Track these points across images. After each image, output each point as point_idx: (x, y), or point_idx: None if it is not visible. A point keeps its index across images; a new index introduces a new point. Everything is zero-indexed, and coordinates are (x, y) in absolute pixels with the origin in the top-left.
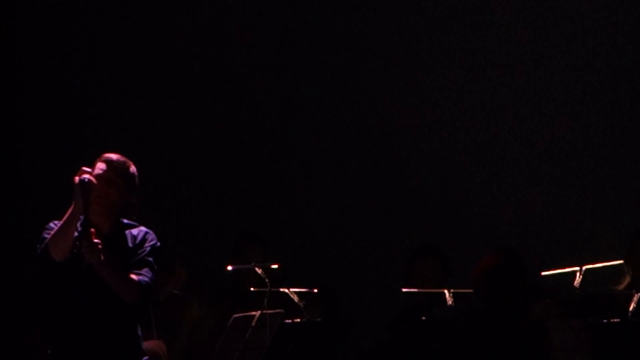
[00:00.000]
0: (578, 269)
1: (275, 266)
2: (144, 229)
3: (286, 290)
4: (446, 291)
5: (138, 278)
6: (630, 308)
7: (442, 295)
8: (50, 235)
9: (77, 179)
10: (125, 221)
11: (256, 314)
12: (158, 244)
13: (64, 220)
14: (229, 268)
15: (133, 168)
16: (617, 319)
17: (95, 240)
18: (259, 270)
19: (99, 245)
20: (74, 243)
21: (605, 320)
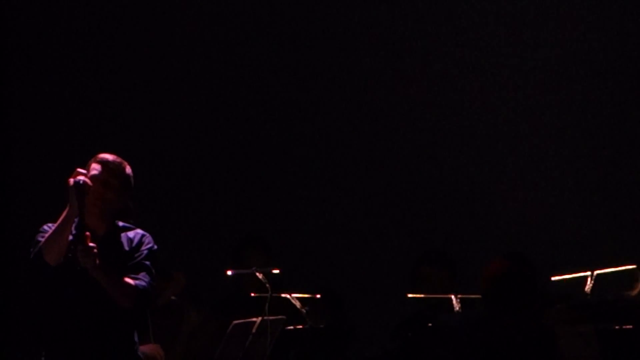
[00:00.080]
0: (589, 273)
1: (276, 271)
2: (140, 232)
3: (288, 296)
4: (453, 297)
5: (135, 283)
6: None
7: (449, 301)
8: (44, 238)
9: (72, 180)
10: (121, 224)
11: (257, 320)
12: (155, 247)
13: (58, 223)
14: (229, 273)
15: (129, 169)
16: (629, 326)
17: (91, 244)
18: (259, 275)
19: (95, 249)
20: (68, 247)
21: (616, 326)
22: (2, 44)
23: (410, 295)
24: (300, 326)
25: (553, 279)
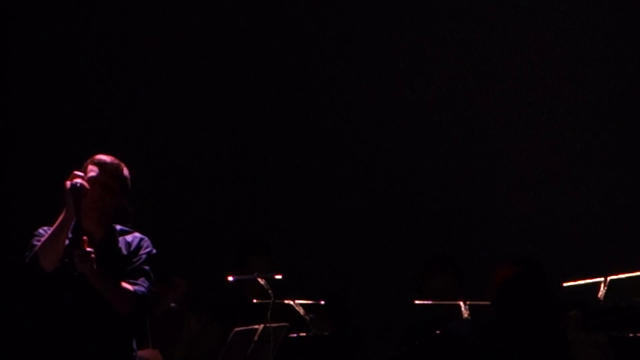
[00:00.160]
0: (602, 279)
1: (279, 276)
2: (138, 235)
3: (291, 302)
4: (462, 303)
5: (134, 288)
6: None
7: (458, 307)
8: (39, 242)
9: (69, 183)
10: (119, 227)
11: (259, 328)
12: (154, 251)
13: (54, 227)
14: (230, 278)
15: (126, 171)
16: None
17: (88, 249)
18: (262, 280)
19: (92, 254)
20: (65, 251)
21: (631, 334)
22: None
23: (417, 301)
24: (304, 334)
25: (565, 284)
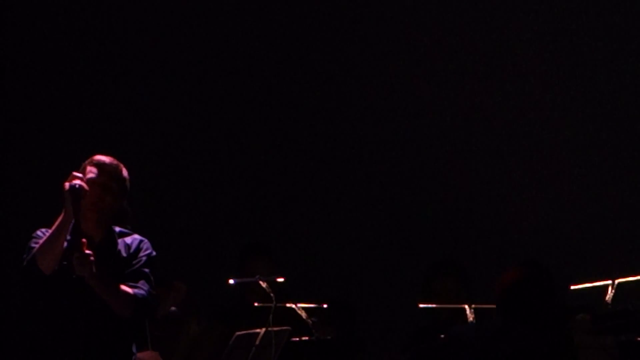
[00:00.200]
0: (610, 282)
1: (281, 279)
2: (138, 237)
3: (293, 306)
4: (467, 307)
5: (134, 291)
6: None
7: (463, 311)
8: (37, 245)
9: (67, 184)
10: (118, 229)
11: (261, 332)
12: (154, 253)
13: (53, 229)
14: (231, 281)
15: (125, 171)
16: None
17: (87, 252)
18: (263, 283)
19: (91, 257)
20: (63, 254)
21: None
22: None
23: (421, 305)
24: (307, 338)
25: (572, 288)
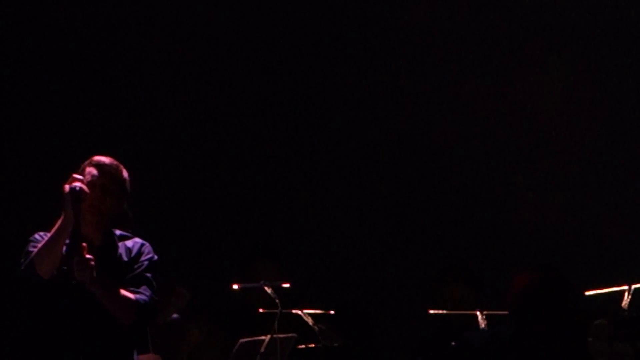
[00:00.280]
0: (626, 288)
1: (286, 285)
2: (139, 241)
3: (299, 312)
4: (479, 313)
5: (135, 297)
6: None
7: (475, 317)
8: (36, 249)
9: (67, 187)
10: (119, 232)
11: (266, 339)
12: (156, 257)
13: (52, 233)
14: (235, 287)
15: (125, 173)
16: None
17: (88, 256)
18: (268, 289)
19: (92, 261)
20: (63, 258)
21: None
22: None
23: (432, 311)
24: (313, 345)
25: (587, 293)
